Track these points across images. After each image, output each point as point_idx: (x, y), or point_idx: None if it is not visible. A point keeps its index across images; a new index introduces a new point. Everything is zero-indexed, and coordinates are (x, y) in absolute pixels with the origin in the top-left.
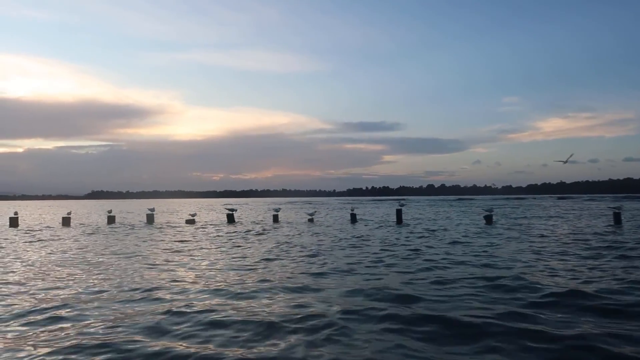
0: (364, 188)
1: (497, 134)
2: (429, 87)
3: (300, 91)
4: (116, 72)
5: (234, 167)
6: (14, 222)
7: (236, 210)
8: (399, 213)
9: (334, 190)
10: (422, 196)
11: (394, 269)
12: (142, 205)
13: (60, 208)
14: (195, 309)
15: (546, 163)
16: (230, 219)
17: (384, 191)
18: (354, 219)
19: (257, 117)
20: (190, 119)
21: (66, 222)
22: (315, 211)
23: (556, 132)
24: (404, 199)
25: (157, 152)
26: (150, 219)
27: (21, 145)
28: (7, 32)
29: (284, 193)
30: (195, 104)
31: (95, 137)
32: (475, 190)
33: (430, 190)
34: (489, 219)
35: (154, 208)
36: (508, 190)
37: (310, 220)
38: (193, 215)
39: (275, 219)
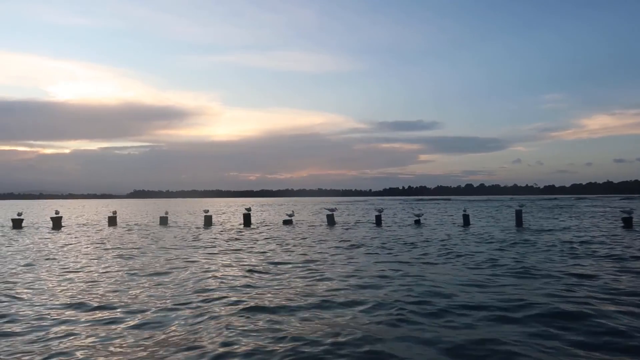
0: (401, 188)
1: (539, 132)
2: (467, 85)
3: (336, 91)
4: (157, 75)
5: (270, 167)
6: (112, 221)
7: (336, 210)
8: (519, 215)
9: (370, 190)
10: (462, 196)
11: None
12: (193, 205)
13: (121, 207)
14: None
15: (591, 162)
16: (331, 220)
17: (421, 191)
18: (466, 220)
19: (292, 117)
20: (228, 120)
21: (164, 221)
22: (423, 212)
23: (602, 129)
24: (510, 199)
25: (196, 152)
26: (247, 219)
27: (68, 147)
28: (55, 38)
29: (319, 193)
30: (232, 105)
31: (137, 138)
32: (516, 190)
33: (469, 190)
34: (628, 222)
35: (250, 207)
36: (551, 190)
37: (417, 222)
38: (290, 215)
39: (378, 220)
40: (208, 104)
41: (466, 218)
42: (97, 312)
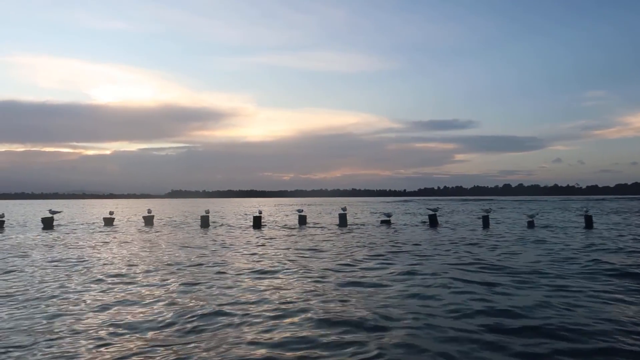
0: (436, 188)
1: (580, 131)
2: (503, 83)
3: (369, 91)
4: (193, 77)
5: (303, 167)
6: (205, 222)
7: (438, 210)
8: None
9: (405, 190)
10: (499, 196)
11: None
12: (242, 204)
13: (190, 207)
14: None
15: (636, 161)
16: (433, 221)
17: (457, 191)
18: (589, 222)
19: (326, 117)
20: (262, 120)
21: (257, 222)
22: (536, 213)
23: None
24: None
25: (231, 152)
26: (342, 220)
27: (109, 148)
28: (95, 43)
29: (353, 193)
30: (266, 106)
31: (174, 139)
32: (556, 190)
33: (507, 190)
34: None
35: (345, 207)
36: (594, 190)
37: (531, 224)
38: (389, 216)
39: (486, 222)
40: (242, 105)
41: (588, 220)
42: None
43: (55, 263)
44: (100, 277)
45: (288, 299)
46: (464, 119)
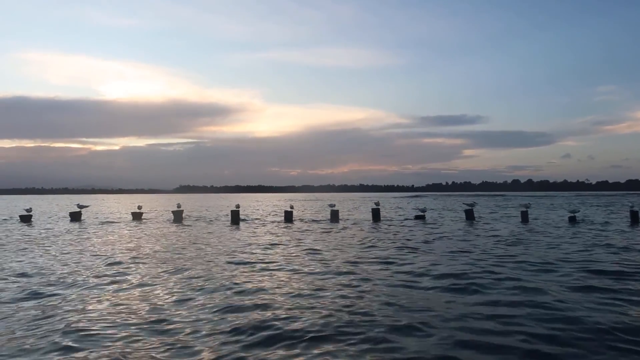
0: (444, 183)
1: (590, 126)
2: (514, 78)
3: (377, 86)
4: (201, 74)
5: (311, 162)
6: (235, 217)
7: (475, 205)
8: None
9: (412, 186)
10: (508, 192)
11: None
12: (254, 199)
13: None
14: None
15: None
16: (469, 215)
17: (466, 187)
18: (634, 218)
19: (333, 113)
20: (270, 116)
21: (289, 217)
22: (578, 209)
23: None
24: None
25: (239, 148)
26: (376, 214)
27: (117, 143)
28: (105, 40)
29: (361, 188)
30: (274, 102)
31: (182, 134)
32: (566, 186)
33: (516, 185)
34: None
35: (378, 202)
36: (604, 186)
37: (572, 219)
38: (423, 210)
39: (524, 217)
40: (250, 100)
41: (634, 215)
42: None
43: (106, 261)
44: (168, 275)
45: (390, 309)
46: (472, 115)
